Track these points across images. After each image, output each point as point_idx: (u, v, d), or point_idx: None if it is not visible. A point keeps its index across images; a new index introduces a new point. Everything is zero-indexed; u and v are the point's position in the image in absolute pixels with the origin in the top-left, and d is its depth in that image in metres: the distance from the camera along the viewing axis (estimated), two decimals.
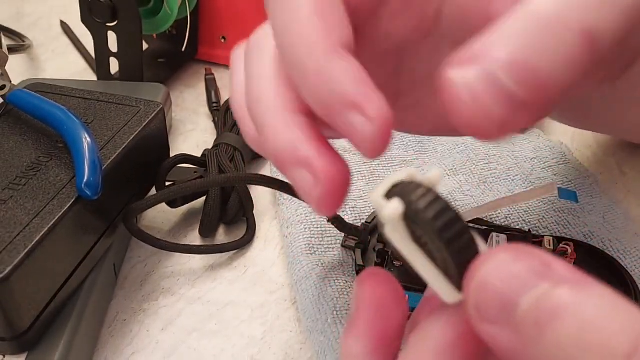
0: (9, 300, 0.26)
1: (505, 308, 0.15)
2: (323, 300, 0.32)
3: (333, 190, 0.19)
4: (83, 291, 0.31)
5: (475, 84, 0.16)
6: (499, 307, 0.15)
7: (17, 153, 0.33)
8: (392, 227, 0.17)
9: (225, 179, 0.36)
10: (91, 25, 0.47)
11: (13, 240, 0.27)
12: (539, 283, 0.14)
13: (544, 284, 0.14)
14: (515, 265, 0.15)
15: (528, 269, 0.15)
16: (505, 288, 0.15)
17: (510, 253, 0.15)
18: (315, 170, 0.19)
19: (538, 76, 0.16)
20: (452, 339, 0.17)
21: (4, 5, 0.67)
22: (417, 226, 0.17)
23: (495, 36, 0.17)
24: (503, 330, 0.15)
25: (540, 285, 0.14)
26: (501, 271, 0.15)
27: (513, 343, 0.15)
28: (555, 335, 0.14)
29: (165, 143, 0.39)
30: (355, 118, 0.18)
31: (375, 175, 0.40)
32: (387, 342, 0.19)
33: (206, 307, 0.34)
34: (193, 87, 0.54)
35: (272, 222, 0.40)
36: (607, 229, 0.35)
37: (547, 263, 0.15)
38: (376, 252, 0.34)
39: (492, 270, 0.15)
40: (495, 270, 0.15)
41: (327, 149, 0.19)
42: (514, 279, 0.15)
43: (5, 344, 0.28)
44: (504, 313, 0.15)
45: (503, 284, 0.15)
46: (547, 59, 0.16)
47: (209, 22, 0.54)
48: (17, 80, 0.46)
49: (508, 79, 0.16)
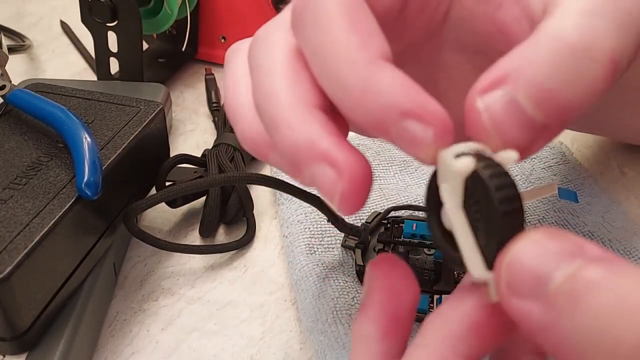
0: (9, 300, 0.26)
1: (539, 282, 0.15)
2: (323, 300, 0.32)
3: (357, 185, 0.18)
4: (83, 291, 0.31)
5: (498, 112, 0.17)
6: (532, 281, 0.15)
7: (17, 153, 0.33)
8: (452, 185, 0.17)
9: (225, 179, 0.36)
10: (91, 25, 0.47)
11: (13, 240, 0.27)
12: (573, 260, 0.15)
13: (578, 260, 0.15)
14: (550, 243, 0.15)
15: (562, 247, 0.15)
16: (539, 263, 0.15)
17: (545, 233, 0.16)
18: (337, 165, 0.18)
19: (561, 103, 0.17)
20: (469, 324, 0.17)
21: (4, 5, 0.67)
22: (476, 191, 0.17)
23: (519, 62, 0.17)
24: (535, 304, 0.15)
25: (575, 261, 0.15)
26: (536, 247, 0.15)
27: (545, 317, 0.15)
28: (592, 306, 0.14)
29: (165, 143, 0.39)
30: (414, 127, 0.17)
31: (376, 175, 0.40)
32: (399, 324, 0.19)
33: (206, 307, 0.34)
34: (193, 87, 0.54)
35: (272, 222, 0.40)
36: (607, 229, 0.35)
37: (580, 244, 0.15)
38: (376, 252, 0.34)
39: (527, 246, 0.15)
40: (530, 247, 0.15)
41: (347, 144, 0.19)
42: (548, 255, 0.15)
43: (5, 344, 0.28)
44: (537, 287, 0.15)
45: (537, 259, 0.15)
46: (571, 86, 0.17)
47: (209, 22, 0.54)
48: (17, 80, 0.46)
49: (531, 107, 0.17)
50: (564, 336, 0.14)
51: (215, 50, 0.56)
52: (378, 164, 0.41)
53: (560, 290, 0.14)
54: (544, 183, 0.39)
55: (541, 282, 0.15)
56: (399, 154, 0.42)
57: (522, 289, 0.15)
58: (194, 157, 0.40)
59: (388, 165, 0.41)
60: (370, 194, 0.18)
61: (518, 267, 0.15)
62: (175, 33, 0.55)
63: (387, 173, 0.41)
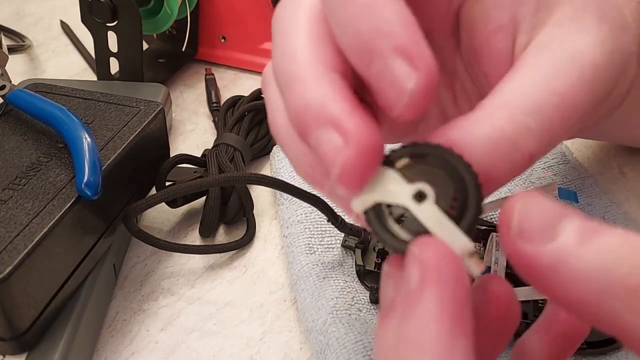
0: (9, 300, 0.26)
1: (548, 227, 0.16)
2: (323, 300, 0.32)
3: (362, 155, 0.16)
4: (83, 291, 0.31)
5: None
6: (542, 227, 0.16)
7: (17, 153, 0.33)
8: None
9: (225, 179, 0.36)
10: (91, 25, 0.47)
11: (13, 240, 0.27)
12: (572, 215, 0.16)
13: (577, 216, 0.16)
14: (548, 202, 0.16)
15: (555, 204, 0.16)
16: (547, 213, 0.16)
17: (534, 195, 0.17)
18: (344, 130, 0.16)
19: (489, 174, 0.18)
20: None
21: (4, 5, 0.67)
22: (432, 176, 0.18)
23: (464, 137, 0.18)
24: (546, 248, 0.15)
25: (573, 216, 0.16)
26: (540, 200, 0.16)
27: (555, 258, 0.15)
28: (601, 246, 0.15)
29: (165, 143, 0.39)
30: (400, 67, 0.16)
31: None
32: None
33: (206, 307, 0.34)
34: (193, 87, 0.54)
35: (272, 222, 0.40)
36: None
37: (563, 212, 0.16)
38: (376, 252, 0.34)
39: (532, 198, 0.16)
40: (535, 198, 0.16)
41: (360, 111, 0.17)
42: (552, 208, 0.16)
43: (5, 344, 0.28)
44: (548, 232, 0.16)
45: (545, 210, 0.16)
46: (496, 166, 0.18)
47: (209, 22, 0.54)
48: (17, 80, 0.46)
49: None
50: (573, 274, 0.15)
51: (215, 50, 0.56)
52: None
53: (570, 233, 0.15)
54: (544, 183, 0.39)
55: (551, 227, 0.16)
56: None
57: (533, 235, 0.16)
58: (194, 157, 0.40)
59: None
60: None
61: (528, 215, 0.16)
62: (175, 33, 0.55)
63: None
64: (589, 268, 0.15)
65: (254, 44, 0.54)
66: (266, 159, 0.45)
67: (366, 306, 0.32)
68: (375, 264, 0.34)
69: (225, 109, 0.46)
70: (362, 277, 0.34)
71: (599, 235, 0.15)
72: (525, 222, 0.16)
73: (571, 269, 0.15)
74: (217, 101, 0.50)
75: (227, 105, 0.46)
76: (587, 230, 0.15)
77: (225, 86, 0.54)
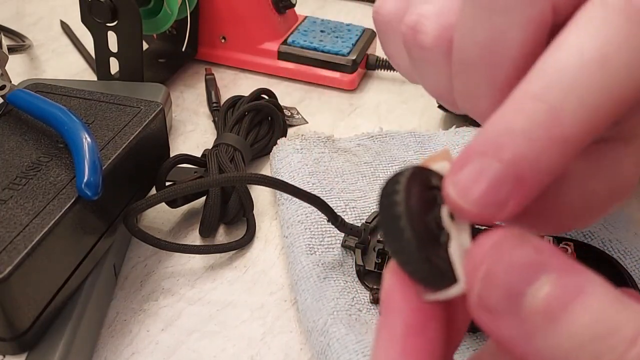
0: (9, 300, 0.26)
1: (512, 298, 0.14)
2: (323, 300, 0.32)
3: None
4: (83, 291, 0.31)
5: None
6: (505, 297, 0.15)
7: (17, 153, 0.33)
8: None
9: (225, 179, 0.36)
10: (91, 25, 0.47)
11: (13, 240, 0.27)
12: (542, 272, 0.14)
13: (546, 273, 0.14)
14: (515, 253, 0.15)
15: (527, 256, 0.15)
16: (510, 279, 0.14)
17: (506, 238, 0.15)
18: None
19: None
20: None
21: (4, 5, 0.67)
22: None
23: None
24: (508, 320, 0.15)
25: (543, 275, 0.14)
26: (504, 258, 0.15)
27: (518, 333, 0.14)
28: (568, 328, 0.14)
29: (165, 143, 0.39)
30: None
31: (376, 176, 0.40)
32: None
33: (206, 308, 0.34)
34: (193, 87, 0.54)
35: (272, 222, 0.40)
36: (607, 229, 0.35)
37: (539, 248, 0.15)
38: (376, 252, 0.34)
39: (496, 256, 0.15)
40: (499, 257, 0.15)
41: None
42: (517, 268, 0.15)
43: (6, 344, 0.28)
44: (511, 303, 0.14)
45: (508, 274, 0.15)
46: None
47: (209, 22, 0.54)
48: (17, 80, 0.46)
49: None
50: (537, 353, 0.14)
51: (215, 50, 0.56)
52: (378, 164, 0.41)
53: (535, 309, 0.14)
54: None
55: (514, 299, 0.14)
56: (399, 154, 0.42)
57: (493, 305, 0.15)
58: (194, 157, 0.40)
59: (388, 165, 0.41)
60: (370, 194, 0.18)
61: (490, 281, 0.15)
62: (175, 33, 0.55)
63: (387, 173, 0.41)
64: (554, 351, 0.14)
65: (254, 44, 0.54)
66: (266, 159, 0.45)
67: (366, 306, 0.32)
68: (375, 264, 0.34)
69: (225, 109, 0.46)
70: (362, 277, 0.34)
71: (577, 302, 0.14)
72: (487, 290, 0.15)
73: (535, 347, 0.14)
74: (217, 101, 0.50)
75: (227, 105, 0.46)
76: (565, 294, 0.14)
77: (225, 86, 0.54)
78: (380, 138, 0.43)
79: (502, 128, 0.16)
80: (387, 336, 0.17)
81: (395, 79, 0.55)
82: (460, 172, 0.16)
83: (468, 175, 0.16)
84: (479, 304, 0.15)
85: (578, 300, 0.14)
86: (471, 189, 0.16)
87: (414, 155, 0.42)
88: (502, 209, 0.16)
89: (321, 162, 0.41)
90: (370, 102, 0.52)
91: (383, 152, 0.42)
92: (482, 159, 0.16)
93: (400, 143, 0.43)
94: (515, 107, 0.16)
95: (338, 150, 0.42)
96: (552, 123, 0.16)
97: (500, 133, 0.16)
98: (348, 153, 0.42)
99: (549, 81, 0.16)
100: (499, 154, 0.16)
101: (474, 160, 0.16)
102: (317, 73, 0.53)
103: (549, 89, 0.16)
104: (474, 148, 0.16)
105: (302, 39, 0.54)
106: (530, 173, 0.16)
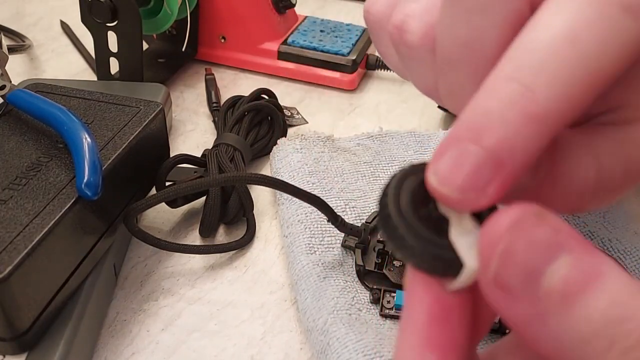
0: (9, 300, 0.26)
1: (529, 278, 0.14)
2: (323, 300, 0.32)
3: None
4: (83, 291, 0.31)
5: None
6: (522, 276, 0.14)
7: (17, 153, 0.33)
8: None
9: (225, 179, 0.36)
10: (91, 25, 0.47)
11: (13, 240, 0.27)
12: (560, 252, 0.14)
13: (565, 254, 0.14)
14: (535, 231, 0.14)
15: (546, 234, 0.14)
16: (529, 257, 0.14)
17: (525, 214, 0.15)
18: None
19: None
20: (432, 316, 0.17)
21: (4, 5, 0.67)
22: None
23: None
24: (522, 300, 0.14)
25: (562, 255, 0.14)
26: (524, 238, 0.14)
27: (532, 314, 0.14)
28: (584, 311, 0.13)
29: (165, 143, 0.39)
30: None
31: (375, 176, 0.40)
32: None
33: (206, 307, 0.34)
34: (193, 87, 0.54)
35: (272, 222, 0.40)
36: (607, 229, 0.35)
37: (557, 228, 0.14)
38: (376, 252, 0.34)
39: (516, 234, 0.14)
40: (519, 237, 0.14)
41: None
42: (536, 246, 0.14)
43: (6, 344, 0.28)
44: (527, 283, 0.14)
45: (527, 252, 0.14)
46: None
47: (209, 22, 0.54)
48: (17, 80, 0.46)
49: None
50: (550, 335, 0.14)
51: (215, 50, 0.56)
52: (378, 163, 0.41)
53: (552, 289, 0.14)
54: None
55: (533, 277, 0.14)
56: (399, 153, 0.42)
57: (511, 284, 0.14)
58: (194, 157, 0.40)
59: (388, 165, 0.41)
60: (370, 193, 0.18)
61: (508, 259, 0.14)
62: (175, 33, 0.55)
63: (387, 173, 0.41)
64: (567, 334, 0.14)
65: (254, 44, 0.54)
66: (266, 159, 0.45)
67: (366, 306, 0.32)
68: (375, 264, 0.34)
69: (225, 109, 0.46)
70: (362, 277, 0.34)
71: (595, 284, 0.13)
72: (504, 268, 0.14)
73: (548, 330, 0.14)
74: (217, 101, 0.50)
75: (227, 105, 0.46)
76: (583, 275, 0.14)
77: (225, 86, 0.54)
78: (380, 138, 0.43)
79: (477, 112, 0.16)
80: (411, 325, 0.17)
81: (395, 78, 0.55)
82: (441, 159, 0.16)
83: (447, 163, 0.16)
84: (495, 283, 0.15)
85: (596, 283, 0.13)
86: (451, 176, 0.16)
87: (414, 155, 0.42)
88: (484, 194, 0.16)
89: (321, 161, 0.41)
90: (370, 101, 0.53)
91: (383, 151, 0.42)
92: (459, 144, 0.16)
93: (400, 143, 0.43)
94: (489, 90, 0.16)
95: (338, 150, 0.42)
96: (527, 102, 0.16)
97: (476, 117, 0.16)
98: (348, 153, 0.42)
99: (521, 61, 0.16)
100: (476, 137, 0.16)
101: (452, 147, 0.16)
102: (317, 73, 0.53)
103: (521, 68, 0.16)
104: (452, 135, 0.16)
105: (302, 39, 0.54)
106: (510, 154, 0.15)
